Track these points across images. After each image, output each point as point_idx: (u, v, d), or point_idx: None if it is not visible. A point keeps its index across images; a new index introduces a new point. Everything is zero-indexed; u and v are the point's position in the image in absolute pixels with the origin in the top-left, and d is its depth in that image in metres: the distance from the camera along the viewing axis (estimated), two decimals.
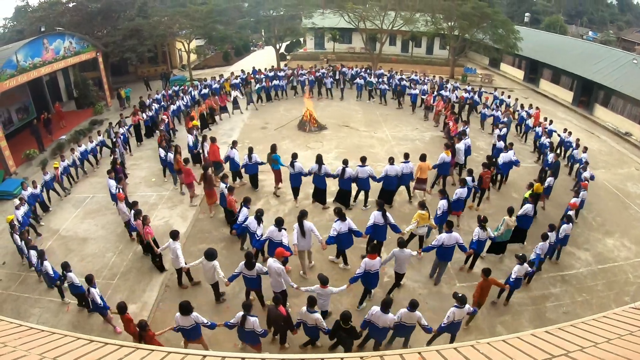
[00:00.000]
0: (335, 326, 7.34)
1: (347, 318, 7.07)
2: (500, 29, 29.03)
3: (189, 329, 7.38)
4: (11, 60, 16.08)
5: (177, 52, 36.28)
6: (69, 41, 20.65)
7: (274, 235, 9.33)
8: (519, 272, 8.99)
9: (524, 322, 9.30)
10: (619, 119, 22.81)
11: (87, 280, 8.45)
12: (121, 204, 11.40)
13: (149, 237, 10.04)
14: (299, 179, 12.73)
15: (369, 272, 8.52)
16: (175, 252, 9.31)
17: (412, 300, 7.28)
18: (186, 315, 7.25)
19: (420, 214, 10.06)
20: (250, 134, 19.42)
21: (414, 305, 7.23)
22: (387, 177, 12.32)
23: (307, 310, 7.34)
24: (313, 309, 7.35)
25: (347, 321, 7.07)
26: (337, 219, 9.54)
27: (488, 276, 8.52)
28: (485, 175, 12.86)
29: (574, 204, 11.84)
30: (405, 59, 38.37)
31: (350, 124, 20.82)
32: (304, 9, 33.93)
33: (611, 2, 77.39)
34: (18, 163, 16.47)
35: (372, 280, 8.77)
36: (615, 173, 17.01)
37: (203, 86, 23.40)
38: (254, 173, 13.99)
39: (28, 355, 3.17)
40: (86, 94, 24.49)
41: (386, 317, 7.18)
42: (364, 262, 8.46)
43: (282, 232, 9.30)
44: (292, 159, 12.50)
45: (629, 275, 11.00)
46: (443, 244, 9.29)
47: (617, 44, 49.29)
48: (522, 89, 30.68)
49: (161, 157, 14.77)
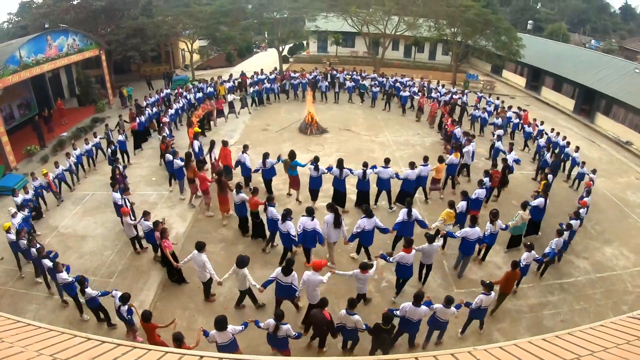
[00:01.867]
0: (375, 327, 7.37)
1: (388, 318, 7.15)
2: (503, 36, 29.09)
3: (227, 344, 6.94)
4: (14, 56, 16.11)
5: (180, 52, 36.39)
6: (72, 38, 20.70)
7: (307, 225, 9.63)
8: (527, 259, 9.59)
9: (521, 329, 9.29)
10: (620, 128, 22.83)
11: (121, 299, 7.99)
12: (126, 218, 10.79)
13: (167, 250, 9.57)
14: (319, 181, 12.81)
15: (405, 265, 9.01)
16: (203, 264, 8.89)
17: (448, 297, 7.77)
18: (223, 330, 6.84)
19: (448, 212, 10.59)
20: (251, 136, 19.42)
21: (449, 301, 7.70)
22: (407, 180, 12.79)
23: (347, 312, 7.37)
24: (352, 311, 7.37)
25: (388, 321, 7.15)
26: (364, 216, 9.86)
27: (515, 268, 9.03)
28: (495, 174, 13.41)
29: (584, 202, 12.21)
30: (408, 64, 38.47)
31: (352, 128, 20.84)
32: (308, 12, 34.00)
33: (614, 11, 77.73)
34: (19, 159, 16.47)
35: (407, 272, 9.22)
36: (616, 182, 17.02)
37: (197, 89, 23.01)
38: (269, 178, 13.67)
39: (25, 351, 3.16)
40: (88, 92, 24.51)
41: (420, 310, 7.54)
42: (399, 255, 8.93)
43: (314, 221, 9.62)
44: (314, 162, 12.56)
45: (627, 285, 10.99)
46: (466, 237, 9.94)
47: (619, 52, 49.37)
48: (523, 96, 30.73)
49: (168, 163, 14.04)
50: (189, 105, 21.60)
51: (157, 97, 21.86)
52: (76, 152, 15.16)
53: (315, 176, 12.62)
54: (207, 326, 8.98)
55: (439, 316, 7.85)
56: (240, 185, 11.48)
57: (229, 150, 14.35)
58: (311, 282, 8.15)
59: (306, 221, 9.65)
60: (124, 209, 11.02)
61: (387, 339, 7.54)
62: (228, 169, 14.22)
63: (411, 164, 12.92)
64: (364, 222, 9.78)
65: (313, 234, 9.68)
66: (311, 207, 10.01)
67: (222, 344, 6.92)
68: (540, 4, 71.44)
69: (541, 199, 11.68)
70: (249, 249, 11.37)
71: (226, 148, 14.25)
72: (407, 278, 9.43)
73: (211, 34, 31.51)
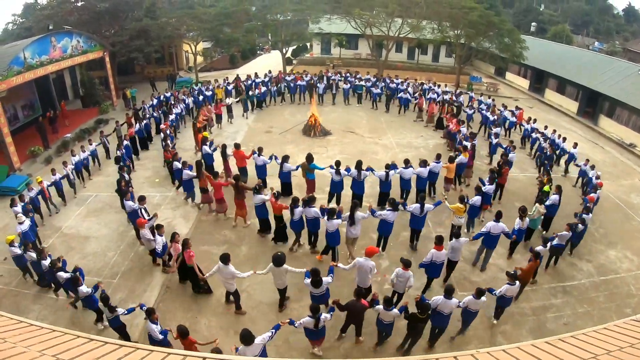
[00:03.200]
0: (412, 316, 7.70)
1: (425, 308, 7.55)
2: (507, 38, 29.03)
3: (259, 355, 6.57)
4: (19, 57, 16.20)
5: (184, 54, 36.44)
6: (76, 40, 20.79)
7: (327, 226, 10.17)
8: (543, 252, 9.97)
9: (524, 332, 9.26)
10: (623, 130, 22.76)
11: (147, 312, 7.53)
12: (145, 231, 10.19)
13: (192, 260, 9.26)
14: (341, 185, 12.96)
15: (435, 262, 9.34)
16: (232, 275, 8.71)
17: (478, 289, 8.08)
18: (250, 344, 6.40)
19: (458, 207, 11.10)
20: (255, 138, 19.44)
21: (480, 292, 8.03)
22: (420, 177, 13.34)
23: (384, 309, 7.69)
24: (390, 307, 7.66)
25: (425, 310, 7.55)
26: (390, 209, 10.47)
27: (537, 258, 9.52)
28: (506, 171, 13.99)
29: (592, 197, 12.60)
30: (411, 66, 38.43)
31: (355, 130, 20.83)
32: (311, 14, 34.04)
33: (617, 13, 77.59)
34: (22, 159, 16.53)
35: (436, 270, 9.61)
36: (619, 184, 16.96)
37: (198, 92, 22.71)
38: (287, 181, 13.72)
39: (28, 351, 3.17)
40: (92, 93, 24.61)
41: (451, 303, 7.86)
42: (431, 253, 9.27)
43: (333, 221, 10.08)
44: (336, 167, 12.65)
45: (630, 287, 10.95)
46: (490, 232, 10.29)
47: (623, 54, 49.19)
48: (527, 99, 30.67)
49: (177, 172, 13.69)
50: (187, 109, 21.49)
51: (156, 100, 21.56)
52: (75, 159, 14.70)
53: (337, 180, 12.78)
54: (208, 328, 9.06)
55: (470, 308, 8.20)
56: (259, 186, 11.50)
57: (243, 152, 14.17)
58: (363, 267, 8.67)
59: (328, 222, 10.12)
60: (141, 220, 10.50)
61: (421, 328, 7.94)
62: (243, 171, 14.10)
63: (423, 162, 13.35)
64: (391, 214, 10.47)
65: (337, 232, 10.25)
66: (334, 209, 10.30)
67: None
68: (543, 6, 71.46)
69: (556, 196, 12.27)
70: (252, 250, 11.41)
71: (239, 150, 14.09)
72: (435, 277, 9.83)
73: (215, 36, 31.56)
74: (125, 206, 11.32)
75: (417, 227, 11.26)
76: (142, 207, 11.28)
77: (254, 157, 13.79)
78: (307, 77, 25.74)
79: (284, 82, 25.34)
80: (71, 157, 14.79)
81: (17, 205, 11.11)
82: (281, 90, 25.12)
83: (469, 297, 8.13)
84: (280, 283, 8.95)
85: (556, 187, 12.74)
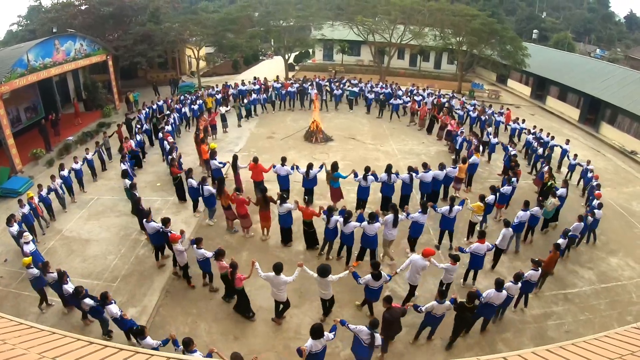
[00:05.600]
0: (460, 306, 8.13)
1: (473, 297, 8.04)
2: (509, 45, 29.13)
3: (320, 351, 6.83)
4: (22, 59, 16.29)
5: (187, 59, 36.61)
6: (80, 43, 20.91)
7: (367, 230, 10.36)
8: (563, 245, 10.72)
9: (525, 340, 9.21)
10: (625, 138, 22.74)
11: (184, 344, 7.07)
12: (179, 245, 9.83)
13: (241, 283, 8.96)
14: (368, 191, 13.17)
15: (477, 254, 9.98)
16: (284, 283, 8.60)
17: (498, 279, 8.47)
18: (319, 338, 6.72)
19: (478, 205, 11.80)
20: (257, 143, 19.50)
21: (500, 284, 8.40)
22: (435, 181, 13.82)
23: (437, 302, 8.04)
24: (442, 299, 8.08)
25: (472, 300, 8.02)
26: (420, 210, 10.91)
27: (558, 250, 10.15)
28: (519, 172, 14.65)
29: (599, 194, 13.28)
30: (413, 73, 38.59)
31: (357, 137, 20.86)
32: (314, 20, 34.19)
33: (619, 20, 77.70)
34: (25, 162, 16.57)
35: (479, 262, 10.21)
36: (621, 192, 16.93)
37: (190, 102, 22.13)
38: (311, 187, 13.48)
39: (27, 354, 3.17)
40: (95, 96, 24.72)
41: (502, 295, 8.39)
42: (475, 246, 9.94)
43: (374, 225, 10.30)
44: (365, 173, 12.84)
45: (632, 295, 10.90)
46: (521, 220, 11.45)
47: (624, 62, 49.21)
48: (529, 106, 30.69)
49: (191, 190, 12.93)
50: (182, 118, 20.92)
51: (147, 111, 20.53)
52: (64, 172, 13.68)
53: (364, 186, 12.98)
54: (209, 334, 9.05)
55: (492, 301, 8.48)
56: (284, 196, 11.40)
57: (261, 165, 13.60)
58: (417, 265, 9.04)
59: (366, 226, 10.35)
60: (174, 235, 9.94)
61: (469, 318, 8.36)
62: (259, 184, 13.55)
63: (441, 165, 13.87)
64: (420, 216, 10.91)
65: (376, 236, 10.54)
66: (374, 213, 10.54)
67: (315, 352, 6.76)
68: (545, 14, 71.60)
69: (564, 189, 13.29)
70: (253, 255, 11.24)
71: (258, 164, 13.51)
72: (479, 268, 10.39)
73: (218, 41, 31.66)
74: (147, 228, 10.60)
75: (447, 227, 11.69)
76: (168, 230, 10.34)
77: (276, 168, 13.40)
78: (296, 85, 25.63)
79: (273, 89, 25.05)
80: (59, 171, 13.72)
81: (13, 225, 10.48)
82: (272, 97, 24.80)
83: (509, 283, 8.75)
84: (326, 294, 8.84)
85: (563, 181, 13.93)
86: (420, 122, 22.54)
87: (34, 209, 11.86)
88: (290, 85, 25.60)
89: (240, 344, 8.75)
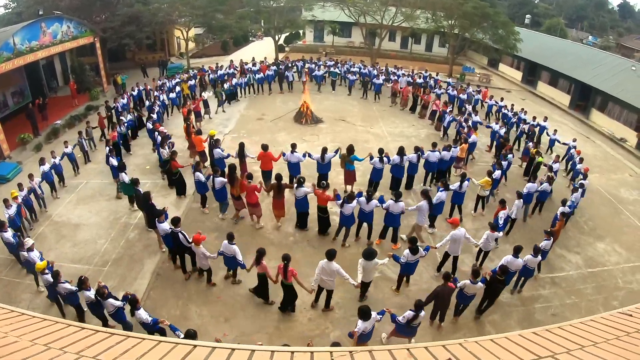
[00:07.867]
0: (492, 279, 8.56)
1: (505, 270, 8.52)
2: (501, 29, 29.03)
3: (369, 332, 7.18)
4: (8, 43, 15.90)
5: (176, 40, 35.98)
6: (66, 25, 20.44)
7: (393, 209, 10.66)
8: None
9: (512, 322, 9.40)
10: (614, 125, 22.94)
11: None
12: (202, 249, 9.26)
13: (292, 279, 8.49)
14: (381, 173, 13.41)
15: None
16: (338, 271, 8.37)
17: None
18: (368, 319, 7.01)
19: (486, 180, 12.64)
20: (247, 125, 19.39)
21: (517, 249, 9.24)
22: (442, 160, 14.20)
23: (471, 282, 8.36)
24: (476, 279, 8.34)
25: (504, 273, 8.51)
26: (442, 188, 11.49)
27: (564, 217, 11.27)
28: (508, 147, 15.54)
29: (587, 168, 14.18)
30: (405, 55, 38.36)
31: (347, 119, 20.80)
32: (305, 1, 33.78)
33: (612, 8, 77.68)
34: (12, 147, 16.33)
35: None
36: (609, 178, 17.14)
37: (168, 90, 20.92)
38: (325, 172, 13.20)
39: (19, 341, 3.16)
40: (83, 79, 24.23)
41: (519, 262, 9.23)
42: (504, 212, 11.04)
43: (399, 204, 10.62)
44: (380, 155, 13.04)
45: (618, 280, 11.13)
46: (530, 191, 12.46)
47: (616, 50, 49.41)
48: (519, 90, 30.75)
49: (198, 184, 12.18)
50: (164, 107, 19.75)
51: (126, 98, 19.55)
52: (44, 167, 12.73)
53: (379, 168, 13.19)
54: (200, 316, 9.09)
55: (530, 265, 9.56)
56: (301, 180, 11.24)
57: (271, 153, 13.08)
58: (457, 236, 9.67)
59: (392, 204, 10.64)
60: (198, 236, 9.28)
61: (500, 290, 8.90)
62: (268, 174, 13.07)
63: (447, 147, 14.24)
64: (444, 194, 11.51)
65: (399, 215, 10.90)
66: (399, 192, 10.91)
67: (364, 334, 7.07)
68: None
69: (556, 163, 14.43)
70: (242, 238, 11.12)
71: (267, 152, 12.92)
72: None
73: (207, 22, 31.16)
74: (160, 229, 9.91)
75: (458, 202, 12.40)
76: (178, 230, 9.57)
77: (287, 156, 12.95)
78: (274, 68, 25.32)
79: (250, 72, 24.49)
80: (40, 166, 12.77)
81: (7, 230, 9.59)
82: (249, 81, 24.19)
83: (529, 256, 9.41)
84: (367, 277, 8.92)
85: (556, 156, 15.11)
86: (402, 102, 22.78)
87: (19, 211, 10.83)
88: (268, 68, 25.15)
89: (231, 325, 8.83)
